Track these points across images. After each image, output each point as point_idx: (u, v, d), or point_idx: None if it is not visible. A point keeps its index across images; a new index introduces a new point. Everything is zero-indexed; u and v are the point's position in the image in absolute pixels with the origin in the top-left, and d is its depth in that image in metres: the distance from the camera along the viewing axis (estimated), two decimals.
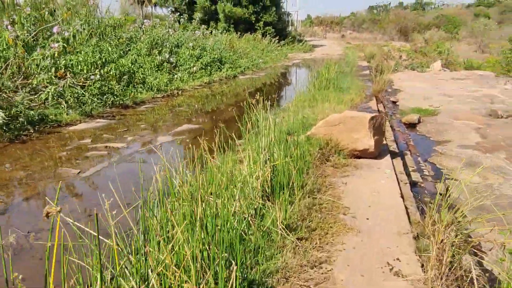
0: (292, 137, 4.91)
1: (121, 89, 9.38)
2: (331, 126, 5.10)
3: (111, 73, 9.23)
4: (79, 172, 4.85)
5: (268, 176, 3.51)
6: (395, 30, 41.87)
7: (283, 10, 33.65)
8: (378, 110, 8.77)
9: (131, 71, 10.41)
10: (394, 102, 11.66)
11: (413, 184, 4.84)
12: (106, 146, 5.89)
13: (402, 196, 4.12)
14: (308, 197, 3.82)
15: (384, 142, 5.84)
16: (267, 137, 3.86)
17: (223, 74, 14.18)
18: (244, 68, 16.21)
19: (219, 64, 14.67)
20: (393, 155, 5.70)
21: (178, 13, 29.86)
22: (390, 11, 59.73)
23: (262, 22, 28.23)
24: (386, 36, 40.08)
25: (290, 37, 31.93)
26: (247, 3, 27.70)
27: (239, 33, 25.90)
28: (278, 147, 4.04)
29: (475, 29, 37.96)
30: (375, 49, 24.54)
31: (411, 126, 8.34)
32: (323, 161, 4.91)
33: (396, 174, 4.82)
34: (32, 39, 9.49)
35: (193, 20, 29.32)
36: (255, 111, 4.56)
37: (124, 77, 9.90)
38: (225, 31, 26.92)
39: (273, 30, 28.07)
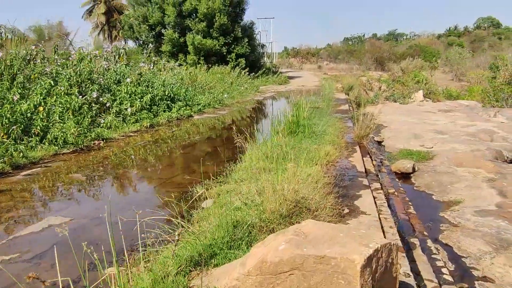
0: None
1: (6, 145, 6.24)
2: (272, 275, 2.05)
3: None
4: None
5: None
6: (371, 60, 39.70)
7: (257, 41, 31.13)
8: (366, 172, 5.77)
9: (30, 117, 7.33)
10: (379, 142, 9.16)
11: None
12: None
13: None
14: None
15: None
16: None
17: (172, 114, 11.11)
18: (203, 106, 13.19)
19: (169, 102, 11.62)
20: None
21: (146, 46, 27.12)
22: (364, 42, 58.09)
23: (234, 54, 25.53)
24: (362, 66, 37.79)
25: (264, 69, 29.30)
26: (218, 34, 25.02)
27: (210, 65, 23.15)
28: None
29: (450, 58, 36.09)
30: (352, 80, 21.96)
31: (404, 176, 6.40)
32: None
33: None
34: None
35: (162, 53, 26.72)
36: None
37: (13, 127, 6.78)
38: (194, 64, 24.16)
39: (246, 62, 25.37)
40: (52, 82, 8.23)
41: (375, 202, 4.55)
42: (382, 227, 3.94)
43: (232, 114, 12.77)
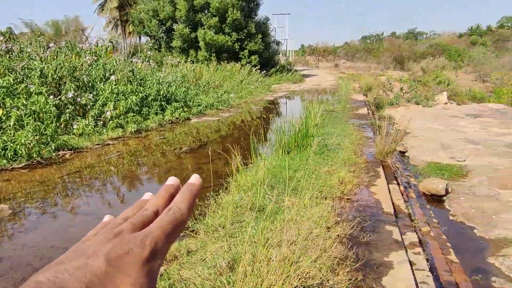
0: None
1: None
2: None
3: None
4: None
5: None
6: (390, 59, 37.41)
7: (271, 38, 29.31)
8: (395, 211, 4.04)
9: None
10: (402, 153, 7.64)
11: None
12: None
13: None
14: None
15: None
16: None
17: (166, 117, 9.51)
18: (204, 107, 11.56)
19: (163, 103, 10.01)
20: None
21: (157, 42, 25.66)
22: (383, 40, 55.49)
23: (247, 51, 23.80)
24: (381, 65, 35.58)
25: (278, 67, 27.54)
26: (230, 30, 23.31)
27: (221, 62, 21.49)
28: None
29: (474, 58, 33.58)
30: (371, 80, 20.03)
31: (435, 199, 5.06)
32: None
33: None
34: None
35: (173, 49, 25.17)
36: None
37: None
38: (205, 60, 22.55)
39: (259, 59, 23.62)
40: (11, 80, 6.69)
41: (414, 278, 2.84)
42: None
43: (235, 117, 11.11)
